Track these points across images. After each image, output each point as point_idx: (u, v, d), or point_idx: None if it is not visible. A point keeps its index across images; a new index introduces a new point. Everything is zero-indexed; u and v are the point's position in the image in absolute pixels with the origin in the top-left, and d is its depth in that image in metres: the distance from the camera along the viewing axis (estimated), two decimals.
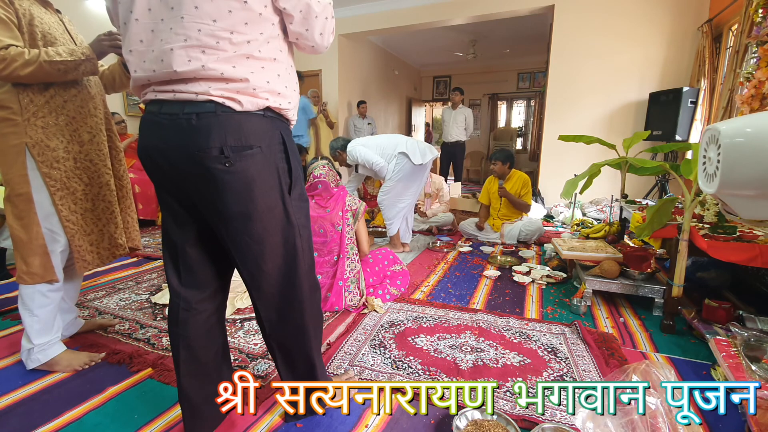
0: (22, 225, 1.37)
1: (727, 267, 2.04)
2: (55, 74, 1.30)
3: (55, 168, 1.38)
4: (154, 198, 3.82)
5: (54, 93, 1.37)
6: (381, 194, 3.05)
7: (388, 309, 2.05)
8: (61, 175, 1.40)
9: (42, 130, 1.35)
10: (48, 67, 1.27)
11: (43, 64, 1.25)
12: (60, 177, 1.40)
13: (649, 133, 3.34)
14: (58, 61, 1.28)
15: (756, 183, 0.95)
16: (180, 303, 1.07)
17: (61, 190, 1.40)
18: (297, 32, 0.96)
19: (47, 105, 1.35)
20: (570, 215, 4.17)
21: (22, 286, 1.40)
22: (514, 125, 9.82)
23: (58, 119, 1.38)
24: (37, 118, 1.34)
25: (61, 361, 1.48)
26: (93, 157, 1.49)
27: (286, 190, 1.02)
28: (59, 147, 1.39)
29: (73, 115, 1.42)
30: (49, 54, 1.27)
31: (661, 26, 4.25)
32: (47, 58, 1.26)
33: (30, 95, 1.32)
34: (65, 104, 1.40)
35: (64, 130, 1.40)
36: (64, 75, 1.32)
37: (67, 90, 1.40)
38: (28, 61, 1.23)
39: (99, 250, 1.55)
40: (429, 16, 5.33)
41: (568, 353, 1.62)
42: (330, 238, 2.09)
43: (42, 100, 1.34)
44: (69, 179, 1.42)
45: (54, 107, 1.37)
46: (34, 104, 1.33)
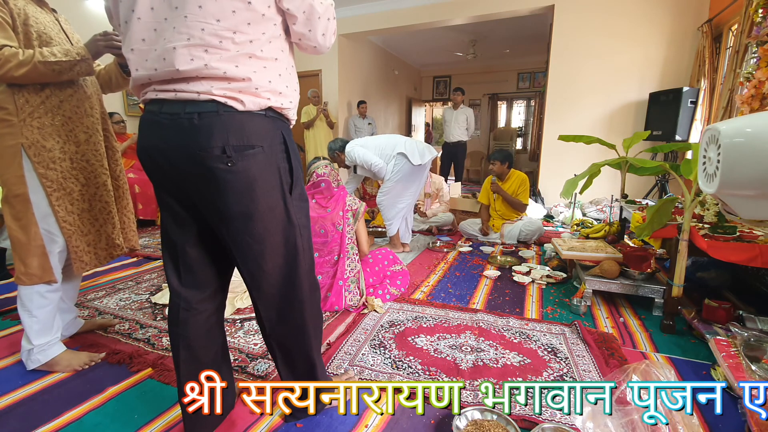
0: (20, 226, 1.37)
1: (727, 267, 2.04)
2: (50, 75, 1.29)
3: (51, 169, 1.38)
4: (155, 198, 3.80)
5: (50, 93, 1.36)
6: (380, 195, 3.05)
7: (388, 309, 2.05)
8: (58, 176, 1.40)
9: (38, 131, 1.34)
10: (42, 68, 1.26)
11: (37, 64, 1.24)
12: (56, 178, 1.39)
13: (649, 133, 3.34)
14: (53, 62, 1.27)
15: (756, 183, 0.95)
16: (180, 303, 1.07)
17: (57, 191, 1.40)
18: (300, 33, 0.97)
19: (43, 105, 1.35)
20: (570, 215, 4.18)
21: (20, 287, 1.40)
22: (514, 125, 9.82)
23: (54, 119, 1.38)
24: (33, 118, 1.33)
25: (61, 361, 1.48)
26: (90, 157, 1.49)
27: (287, 189, 1.02)
28: (55, 147, 1.38)
29: (69, 115, 1.42)
30: (44, 54, 1.26)
31: (661, 26, 4.25)
32: (42, 59, 1.25)
33: (26, 95, 1.31)
34: (61, 104, 1.39)
35: (60, 131, 1.40)
36: (58, 75, 1.31)
37: (63, 90, 1.40)
38: (22, 61, 1.22)
39: (96, 250, 1.54)
40: (429, 16, 5.33)
41: (568, 353, 1.62)
42: (331, 238, 2.09)
43: (38, 101, 1.34)
44: (65, 180, 1.42)
45: (50, 107, 1.36)
46: (30, 104, 1.32)
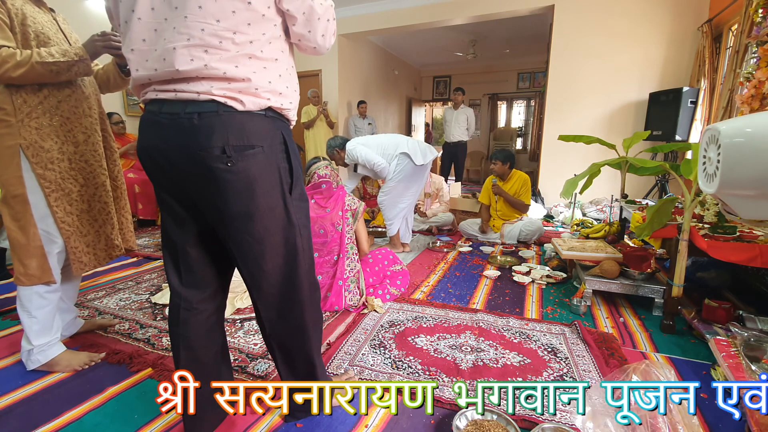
0: (19, 227, 1.36)
1: (727, 267, 2.04)
2: (48, 75, 1.29)
3: (49, 169, 1.37)
4: (155, 198, 3.80)
5: (48, 93, 1.36)
6: (381, 194, 3.05)
7: (388, 309, 2.05)
8: (56, 176, 1.39)
9: (36, 131, 1.34)
10: (40, 68, 1.25)
11: (35, 65, 1.24)
12: (55, 178, 1.39)
13: (649, 133, 3.34)
14: (50, 62, 1.26)
15: (756, 183, 0.95)
16: (181, 303, 1.07)
17: (56, 192, 1.39)
18: (300, 33, 0.97)
19: (41, 106, 1.34)
20: (570, 215, 4.17)
21: (20, 288, 1.40)
22: (514, 125, 9.82)
23: (52, 120, 1.37)
24: (30, 119, 1.33)
25: (61, 361, 1.48)
26: (88, 157, 1.48)
27: (287, 189, 1.02)
28: (53, 148, 1.38)
29: (67, 115, 1.41)
30: (42, 55, 1.25)
31: (661, 26, 4.25)
32: (39, 59, 1.25)
33: (23, 96, 1.31)
34: (59, 105, 1.39)
35: (59, 131, 1.39)
36: (56, 76, 1.31)
37: (61, 90, 1.39)
38: (19, 62, 1.22)
39: (95, 251, 1.54)
40: (429, 16, 5.33)
41: (568, 353, 1.62)
42: (330, 238, 2.09)
43: (36, 101, 1.33)
44: (64, 180, 1.41)
45: (48, 108, 1.36)
46: (28, 105, 1.32)
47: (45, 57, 1.26)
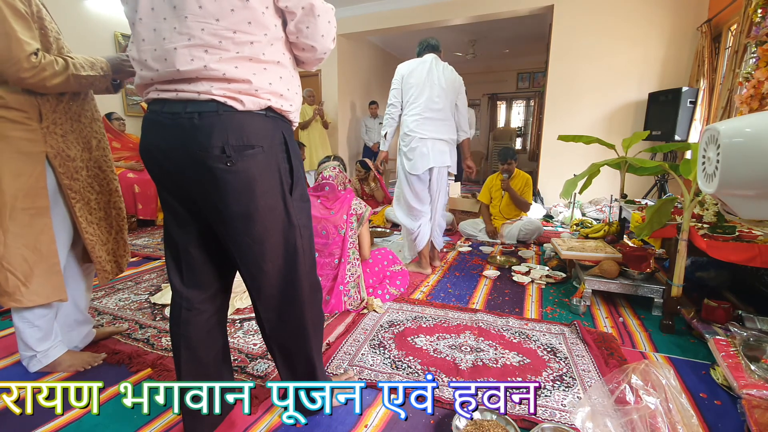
0: (25, 243, 1.26)
1: (726, 267, 2.04)
2: (75, 86, 1.24)
3: (75, 179, 1.31)
4: (154, 198, 3.81)
5: (69, 97, 1.30)
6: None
7: (387, 309, 2.05)
8: (80, 186, 1.33)
9: (62, 138, 1.27)
10: (73, 81, 1.21)
11: (70, 77, 1.19)
12: (79, 188, 1.32)
13: (648, 133, 3.34)
14: (83, 76, 1.23)
15: (756, 183, 0.96)
16: (182, 303, 1.07)
17: (79, 202, 1.34)
18: (298, 30, 0.95)
19: (64, 110, 1.28)
20: (569, 215, 4.18)
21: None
22: (514, 125, 9.83)
23: (73, 125, 1.31)
24: (56, 125, 1.26)
25: (63, 362, 1.48)
26: (101, 163, 1.44)
27: (288, 190, 1.02)
28: (77, 156, 1.32)
29: (82, 120, 1.36)
30: (77, 67, 1.21)
31: (660, 26, 4.25)
32: (75, 72, 1.20)
33: (50, 99, 1.24)
34: (76, 108, 1.33)
35: (79, 138, 1.34)
36: (81, 88, 1.27)
37: (77, 94, 1.35)
38: (57, 72, 1.17)
39: (116, 258, 1.50)
40: (429, 16, 5.33)
41: (567, 353, 1.62)
42: (332, 240, 2.09)
43: (60, 106, 1.27)
44: (84, 189, 1.36)
45: (68, 112, 1.30)
46: (54, 110, 1.25)
47: (80, 70, 1.22)
